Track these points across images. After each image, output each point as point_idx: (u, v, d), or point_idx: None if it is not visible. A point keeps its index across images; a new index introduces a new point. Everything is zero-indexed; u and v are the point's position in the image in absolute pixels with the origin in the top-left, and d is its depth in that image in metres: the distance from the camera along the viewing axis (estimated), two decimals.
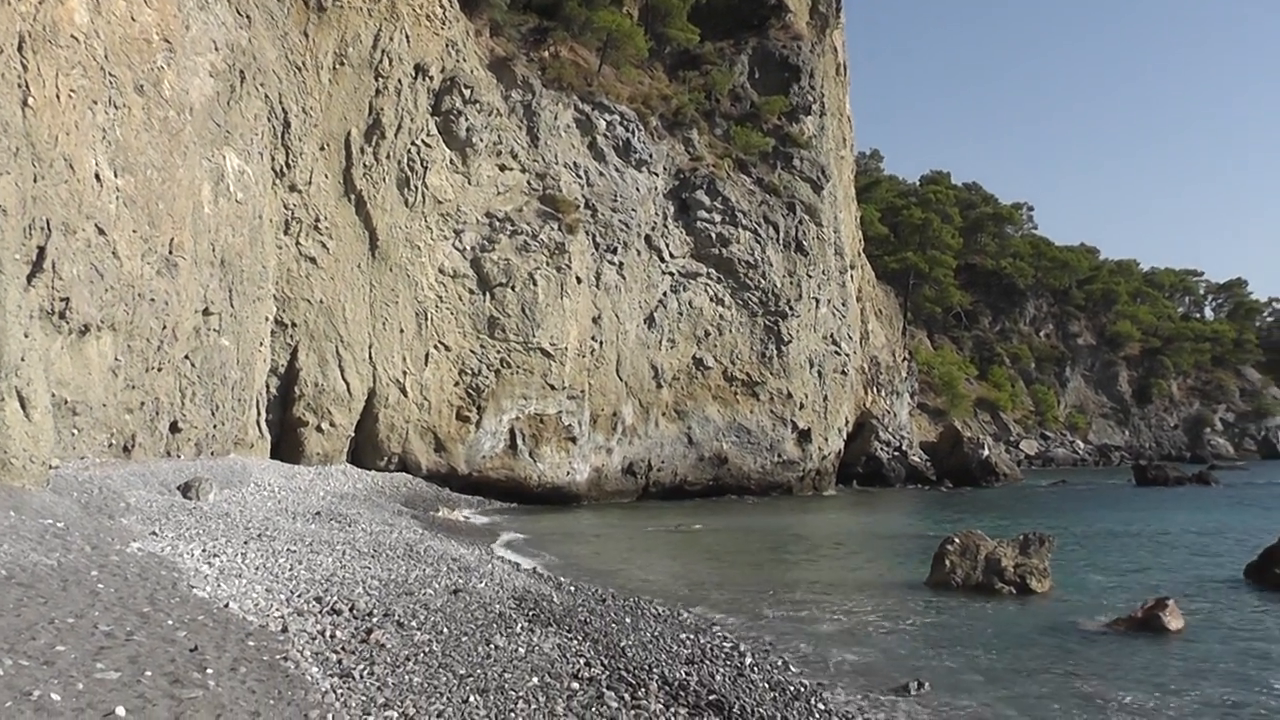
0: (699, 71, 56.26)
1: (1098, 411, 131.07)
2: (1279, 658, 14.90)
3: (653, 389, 47.79)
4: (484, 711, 9.19)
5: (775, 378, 52.12)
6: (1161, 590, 19.51)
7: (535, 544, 28.23)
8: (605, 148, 46.49)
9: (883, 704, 11.81)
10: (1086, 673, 13.87)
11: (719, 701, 10.63)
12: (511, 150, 42.82)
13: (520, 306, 42.03)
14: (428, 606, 14.11)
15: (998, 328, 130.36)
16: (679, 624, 15.85)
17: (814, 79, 59.36)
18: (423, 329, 39.90)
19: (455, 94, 40.74)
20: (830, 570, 25.05)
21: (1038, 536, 21.88)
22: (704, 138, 52.75)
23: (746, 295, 51.38)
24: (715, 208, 50.20)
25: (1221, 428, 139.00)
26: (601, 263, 45.26)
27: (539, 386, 42.59)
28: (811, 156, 56.43)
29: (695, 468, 49.42)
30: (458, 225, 41.01)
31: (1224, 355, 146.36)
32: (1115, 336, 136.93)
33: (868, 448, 63.24)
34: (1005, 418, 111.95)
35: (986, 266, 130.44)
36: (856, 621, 17.20)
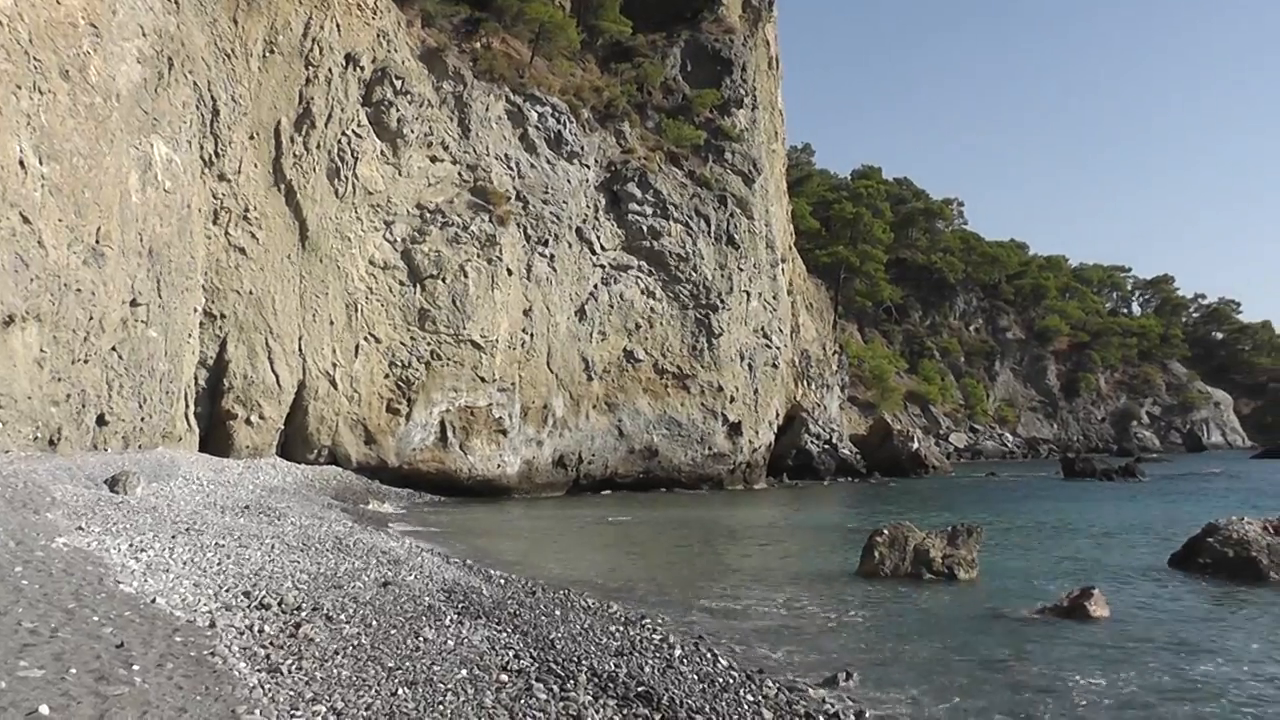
0: (631, 64, 56.25)
1: (1026, 405, 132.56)
2: (1199, 644, 15.17)
3: (583, 381, 47.80)
4: (413, 704, 9.18)
5: (706, 370, 52.27)
6: (1087, 580, 19.78)
7: (466, 536, 28.17)
8: (537, 140, 46.41)
9: (811, 695, 11.88)
10: (1012, 660, 14.06)
11: (648, 693, 10.68)
12: (443, 141, 42.64)
13: (451, 298, 41.89)
14: (357, 600, 14.08)
15: (928, 322, 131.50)
16: (609, 616, 15.88)
17: (746, 72, 59.54)
18: (353, 321, 39.66)
19: (386, 84, 40.53)
20: (760, 562, 25.19)
21: (966, 528, 22.16)
22: (636, 130, 52.77)
23: (677, 288, 51.48)
24: (647, 200, 50.27)
25: (1148, 421, 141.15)
26: (533, 255, 45.18)
27: (469, 379, 42.47)
28: (743, 150, 56.63)
29: (626, 460, 49.50)
30: (388, 216, 40.80)
31: (1150, 350, 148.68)
32: (1044, 331, 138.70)
33: (798, 441, 63.50)
34: (935, 411, 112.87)
35: (917, 261, 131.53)
36: (786, 613, 17.31)
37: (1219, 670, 13.59)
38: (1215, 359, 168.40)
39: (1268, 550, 21.44)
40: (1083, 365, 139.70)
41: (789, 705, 10.96)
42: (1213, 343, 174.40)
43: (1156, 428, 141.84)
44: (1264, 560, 21.19)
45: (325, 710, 8.60)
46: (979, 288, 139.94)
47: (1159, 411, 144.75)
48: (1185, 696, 12.20)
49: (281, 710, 8.41)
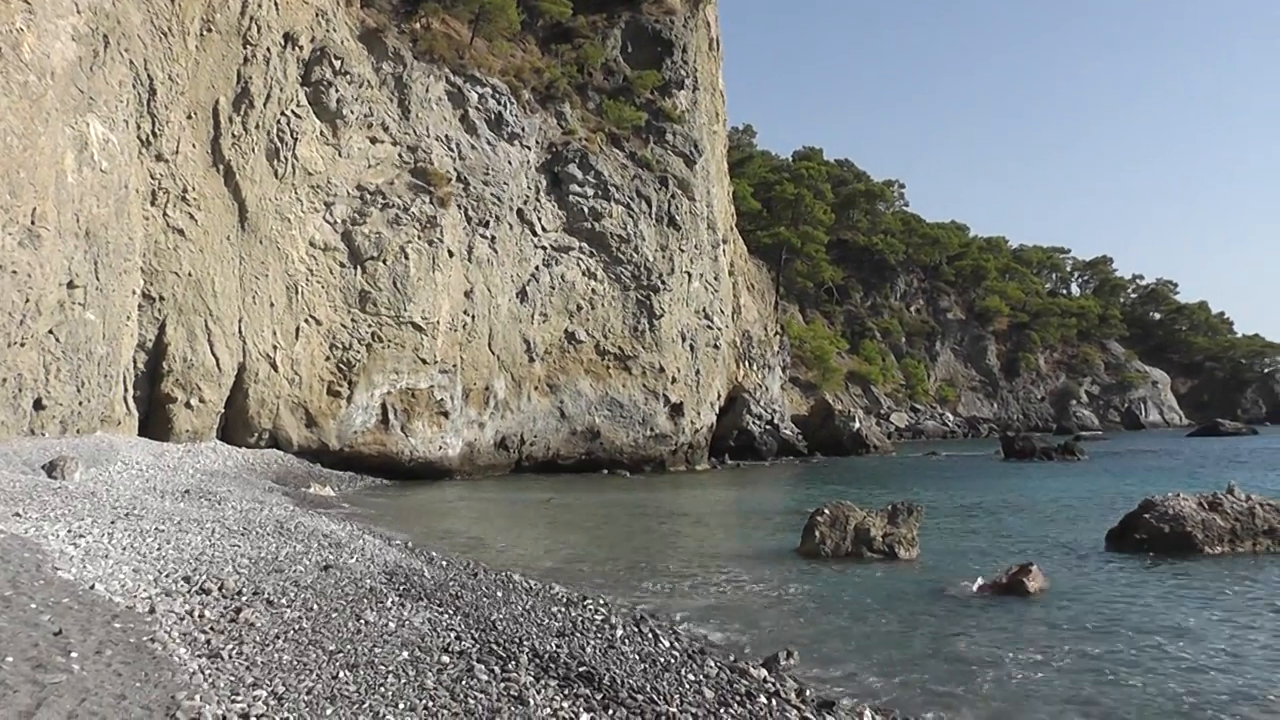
0: (571, 45, 56.12)
1: (967, 384, 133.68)
2: (1134, 618, 15.40)
3: (525, 363, 47.74)
4: (354, 687, 9.18)
5: (647, 351, 52.35)
6: (1026, 556, 20.03)
7: (408, 519, 28.11)
8: (477, 121, 46.23)
9: (751, 673, 11.95)
10: (951, 636, 14.22)
11: (589, 673, 10.71)
12: (383, 123, 42.39)
13: (392, 280, 41.70)
14: (298, 583, 14.02)
15: (869, 303, 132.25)
16: (550, 597, 15.91)
17: (687, 54, 59.58)
18: (293, 303, 39.38)
19: (325, 64, 40.23)
20: (702, 542, 25.29)
21: (906, 506, 22.33)
22: (577, 111, 52.67)
23: (619, 269, 51.49)
24: (588, 182, 50.21)
25: (1086, 400, 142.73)
26: (473, 236, 45.05)
27: (411, 361, 42.30)
28: (684, 131, 56.68)
29: (568, 442, 49.52)
30: (328, 198, 40.52)
31: (1089, 330, 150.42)
32: (984, 312, 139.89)
33: (740, 421, 63.73)
34: (876, 391, 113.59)
35: (858, 242, 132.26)
36: (727, 593, 17.41)
37: (1152, 643, 13.82)
38: (1153, 339, 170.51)
39: (1202, 525, 21.80)
40: (1022, 345, 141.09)
41: (730, 684, 11.03)
42: (1150, 323, 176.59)
43: (1095, 406, 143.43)
44: (1199, 535, 21.55)
45: (266, 694, 8.59)
46: (920, 269, 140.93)
47: (1098, 391, 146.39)
48: (1119, 669, 12.39)
49: (222, 695, 8.39)
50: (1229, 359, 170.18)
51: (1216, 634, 14.32)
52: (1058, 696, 11.36)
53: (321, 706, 8.47)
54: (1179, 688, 11.67)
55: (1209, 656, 13.09)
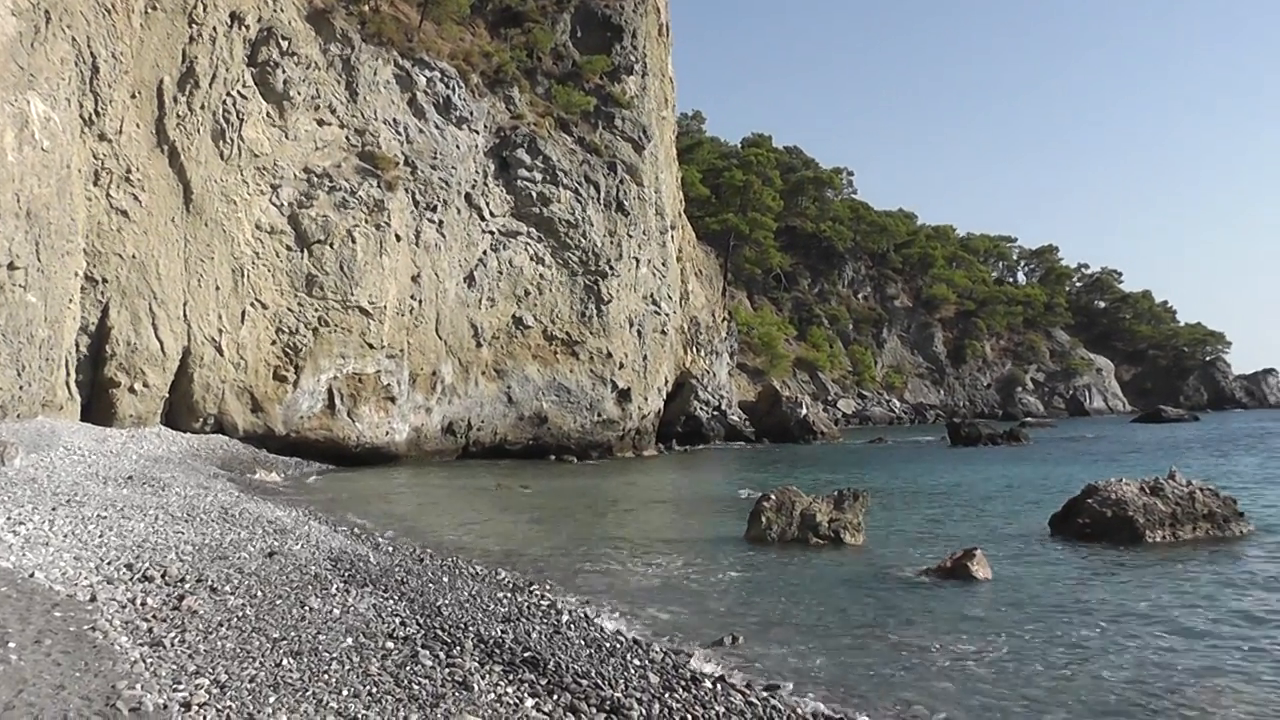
0: (521, 29, 55.90)
1: (913, 371, 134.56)
2: (1076, 601, 15.57)
3: (472, 348, 47.59)
4: (297, 674, 9.13)
5: (595, 337, 52.32)
6: (971, 541, 20.18)
7: (354, 505, 27.99)
8: (425, 105, 45.96)
9: (697, 656, 12.00)
10: (896, 620, 14.31)
11: (534, 658, 10.73)
12: (330, 105, 42.08)
13: (339, 264, 41.43)
14: (242, 570, 13.94)
15: (817, 289, 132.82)
16: (496, 583, 15.93)
17: (636, 39, 59.51)
18: (239, 286, 39.05)
19: (272, 45, 39.87)
20: (648, 528, 25.33)
21: (852, 492, 22.46)
22: (525, 96, 52.48)
23: (567, 254, 51.41)
24: (536, 166, 50.07)
25: (1032, 387, 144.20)
26: (421, 221, 44.82)
27: (357, 345, 42.06)
28: (633, 116, 56.61)
29: (515, 427, 49.43)
30: (275, 180, 40.18)
31: (1035, 318, 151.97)
32: (931, 299, 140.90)
33: (687, 407, 63.94)
34: (823, 377, 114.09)
35: (806, 229, 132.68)
36: (674, 578, 17.45)
37: (1093, 625, 13.98)
38: (1097, 327, 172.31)
39: (1144, 510, 22.05)
40: (969, 332, 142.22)
41: (675, 669, 11.06)
42: (1095, 311, 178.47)
43: (1040, 393, 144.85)
44: (1140, 519, 21.78)
45: (208, 683, 8.53)
46: (867, 256, 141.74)
47: (1043, 378, 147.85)
48: (1061, 652, 12.53)
49: (163, 684, 8.33)
50: (1172, 347, 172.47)
51: (1156, 616, 14.49)
52: (1001, 679, 11.47)
53: (264, 694, 8.42)
54: (1120, 669, 11.82)
55: (1149, 639, 13.26)
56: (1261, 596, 15.88)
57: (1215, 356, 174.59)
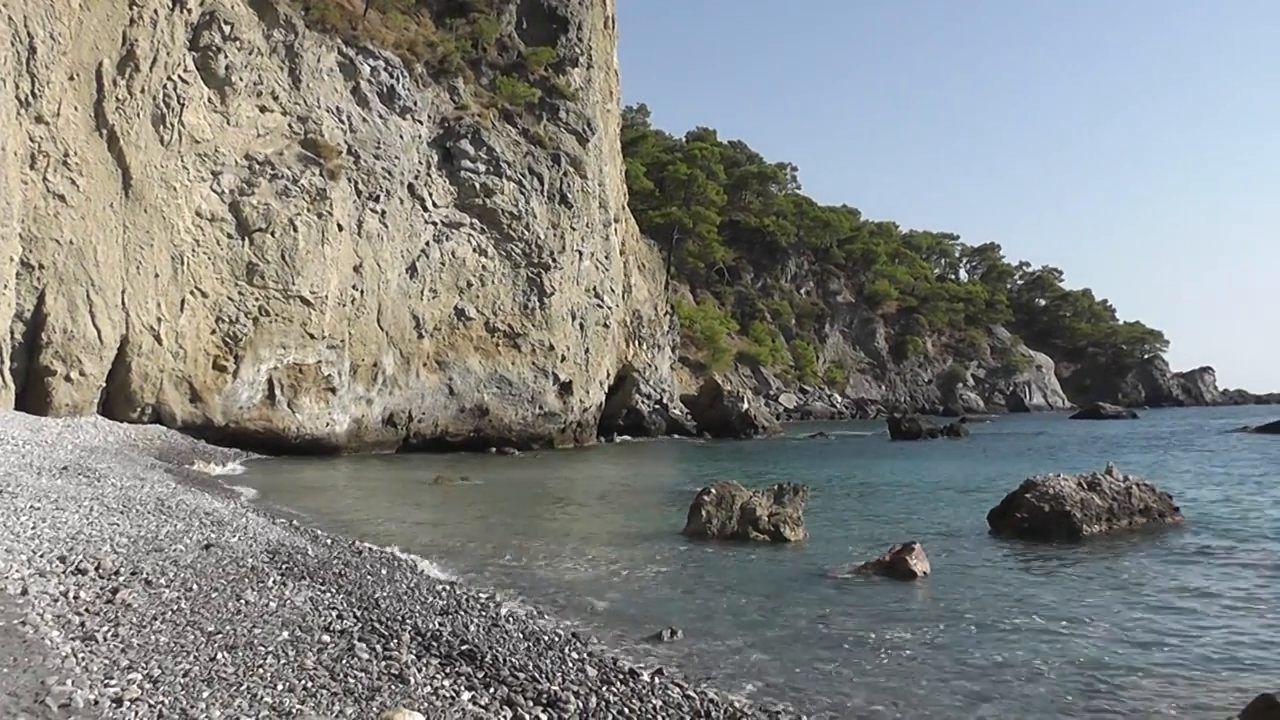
0: (466, 19, 55.69)
1: (855, 367, 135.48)
2: (1014, 595, 15.66)
3: (414, 339, 47.38)
4: (232, 668, 9.05)
5: (537, 329, 52.27)
6: (910, 536, 20.26)
7: (293, 496, 27.80)
8: (369, 93, 45.68)
9: (636, 651, 12.01)
10: (834, 613, 14.34)
11: (471, 651, 10.68)
12: (272, 91, 41.75)
13: (280, 253, 41.15)
14: (178, 563, 13.79)
15: (760, 284, 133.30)
16: (435, 576, 15.88)
17: (582, 31, 59.47)
18: (179, 274, 38.68)
19: (214, 29, 39.51)
20: (589, 521, 25.35)
21: (792, 486, 22.47)
22: (469, 87, 52.30)
23: (510, 246, 51.29)
24: (480, 158, 49.89)
25: (973, 383, 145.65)
26: (364, 210, 44.57)
27: (298, 335, 41.81)
28: (578, 109, 56.58)
29: (456, 419, 49.28)
30: (216, 167, 39.83)
31: (976, 315, 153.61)
32: (874, 295, 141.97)
33: (629, 400, 64.00)
34: (765, 372, 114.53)
35: (750, 224, 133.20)
36: (613, 572, 17.43)
37: (1030, 618, 14.06)
38: (1038, 324, 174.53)
39: (1081, 505, 22.24)
40: (911, 329, 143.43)
41: (613, 661, 11.07)
42: (1036, 309, 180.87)
43: (981, 389, 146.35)
44: (1077, 514, 21.97)
45: (141, 678, 8.43)
46: (810, 251, 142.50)
47: (984, 374, 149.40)
48: (998, 645, 12.59)
49: (95, 679, 8.22)
50: (1111, 345, 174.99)
51: (1092, 609, 14.61)
52: (939, 672, 11.52)
53: (198, 689, 8.34)
54: (1056, 662, 11.89)
55: (1085, 632, 13.36)
56: (1194, 590, 16.06)
57: (1153, 355, 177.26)
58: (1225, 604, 15.14)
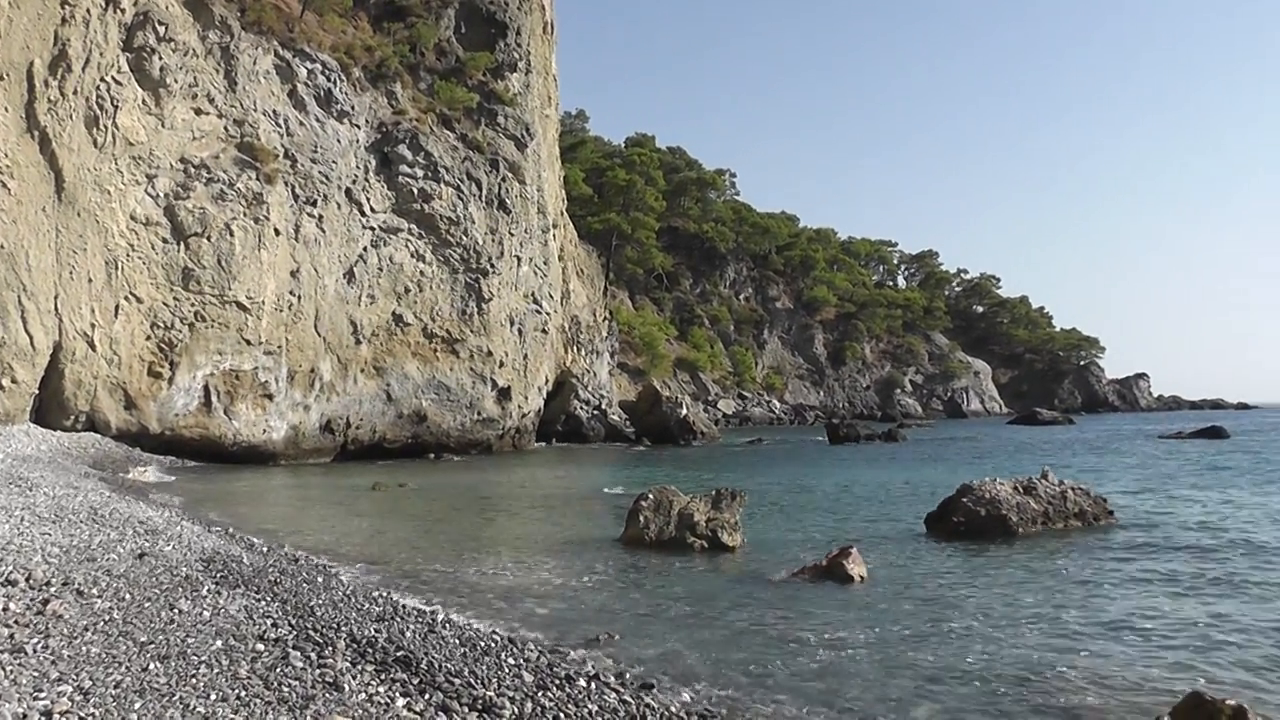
0: (404, 24, 55.48)
1: (794, 372, 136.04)
2: (949, 597, 15.80)
3: (352, 345, 47.12)
4: (164, 679, 8.97)
5: (475, 335, 52.16)
6: (847, 540, 20.37)
7: (229, 504, 27.60)
8: (306, 97, 45.39)
9: (571, 655, 12.01)
10: (771, 618, 14.39)
11: (407, 658, 10.67)
12: (208, 94, 41.37)
13: (216, 258, 40.78)
14: (111, 572, 13.65)
15: (698, 290, 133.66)
16: (372, 583, 15.85)
17: (520, 36, 59.43)
18: (113, 279, 38.23)
19: (149, 30, 39.08)
20: (527, 527, 25.30)
21: (730, 492, 22.51)
22: (408, 91, 52.14)
23: (448, 252, 51.14)
24: (418, 163, 49.73)
25: (911, 389, 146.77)
26: (301, 215, 44.27)
27: (235, 341, 41.45)
28: (516, 114, 56.53)
29: (394, 425, 49.07)
30: (150, 170, 39.41)
31: (914, 321, 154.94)
32: (812, 301, 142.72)
33: (567, 406, 63.99)
34: (704, 378, 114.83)
35: (689, 230, 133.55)
36: (550, 577, 17.42)
37: (964, 620, 14.20)
38: (975, 330, 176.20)
39: (1017, 509, 22.53)
40: (849, 335, 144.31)
41: (550, 667, 11.06)
42: (973, 315, 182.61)
43: (919, 395, 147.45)
44: (1013, 518, 22.25)
45: (71, 690, 8.34)
46: (749, 257, 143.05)
47: (921, 380, 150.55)
48: (935, 648, 12.68)
49: (24, 692, 8.13)
50: (1048, 351, 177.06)
51: (1026, 611, 14.76)
52: (875, 674, 11.60)
53: (129, 700, 8.26)
54: (992, 663, 11.99)
55: (1019, 632, 13.50)
56: (1126, 591, 16.28)
57: (1089, 361, 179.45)
58: (1156, 604, 15.36)
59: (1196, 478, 38.86)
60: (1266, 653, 12.55)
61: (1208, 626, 13.93)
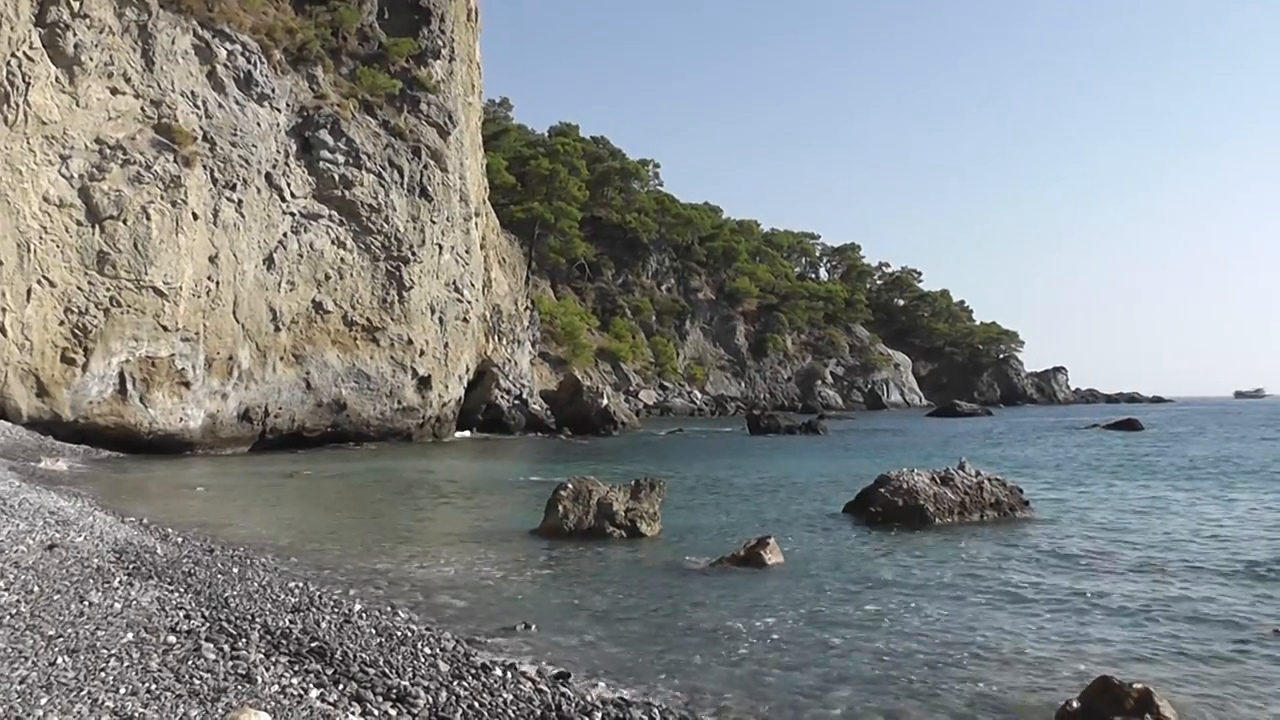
0: (326, 7, 54.77)
1: (715, 363, 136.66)
2: (865, 584, 16.01)
3: (271, 332, 46.61)
4: (72, 673, 8.82)
5: (396, 323, 51.83)
6: (765, 529, 20.51)
7: (144, 494, 27.28)
8: (226, 79, 44.70)
9: (490, 646, 11.99)
10: (689, 607, 14.45)
11: (321, 648, 10.60)
12: (124, 73, 40.61)
13: (132, 242, 40.09)
14: (19, 565, 13.42)
15: (621, 280, 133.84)
16: (289, 573, 15.69)
17: (444, 23, 59.03)
18: (25, 262, 37.50)
19: (62, 5, 38.27)
20: (445, 518, 25.22)
21: (649, 481, 22.55)
22: (329, 76, 51.60)
23: (369, 239, 50.75)
24: (339, 148, 49.26)
25: (832, 380, 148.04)
26: (220, 199, 43.64)
27: (151, 327, 40.80)
28: (439, 101, 56.17)
29: (314, 414, 48.66)
30: (64, 150, 38.64)
31: (836, 313, 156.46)
32: (734, 292, 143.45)
33: (488, 395, 63.80)
34: (626, 368, 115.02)
35: (612, 220, 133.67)
36: (468, 568, 17.34)
37: (879, 606, 14.38)
38: (896, 323, 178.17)
39: (934, 499, 22.85)
40: (771, 326, 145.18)
41: (466, 656, 11.04)
42: (895, 308, 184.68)
43: (840, 387, 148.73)
44: (930, 508, 22.58)
45: None
46: (672, 248, 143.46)
47: (842, 372, 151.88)
48: (848, 635, 12.79)
49: None
50: (967, 344, 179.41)
51: (940, 598, 14.97)
52: (791, 660, 11.69)
53: (35, 696, 8.11)
54: (905, 648, 12.14)
55: (933, 618, 13.69)
56: (1038, 577, 16.54)
57: (1009, 354, 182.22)
58: (1068, 590, 15.68)
59: (1112, 469, 39.61)
60: (1171, 637, 12.85)
61: (1116, 612, 14.26)
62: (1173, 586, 16.06)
